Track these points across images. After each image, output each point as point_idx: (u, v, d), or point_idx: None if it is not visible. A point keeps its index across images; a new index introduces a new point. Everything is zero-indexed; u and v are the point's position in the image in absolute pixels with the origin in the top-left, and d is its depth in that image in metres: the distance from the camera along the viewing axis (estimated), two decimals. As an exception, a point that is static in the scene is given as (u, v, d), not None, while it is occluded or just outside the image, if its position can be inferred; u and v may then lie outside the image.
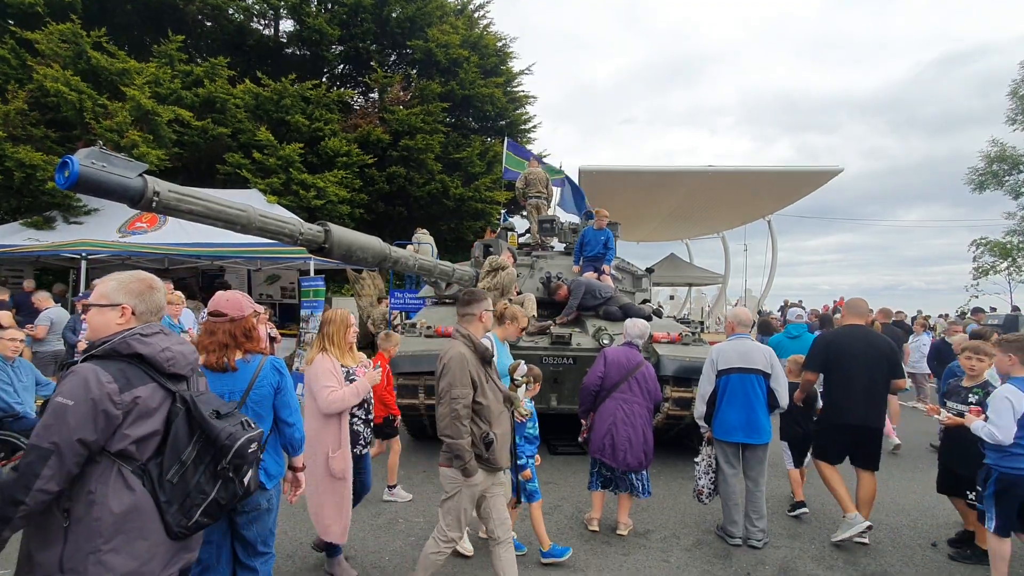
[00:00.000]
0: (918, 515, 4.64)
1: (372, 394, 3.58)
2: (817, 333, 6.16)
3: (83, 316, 6.83)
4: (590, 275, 7.08)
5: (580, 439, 4.37)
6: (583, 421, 4.33)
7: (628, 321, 4.48)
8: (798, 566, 3.67)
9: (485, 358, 2.93)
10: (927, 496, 4.96)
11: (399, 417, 4.83)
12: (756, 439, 3.92)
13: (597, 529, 4.13)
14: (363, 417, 3.48)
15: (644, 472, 4.08)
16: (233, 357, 2.41)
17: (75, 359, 1.71)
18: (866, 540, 3.98)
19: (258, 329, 2.61)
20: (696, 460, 4.25)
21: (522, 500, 3.65)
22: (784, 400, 4.03)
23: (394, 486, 4.76)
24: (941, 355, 7.77)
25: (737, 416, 3.91)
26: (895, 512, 4.68)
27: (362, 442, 3.47)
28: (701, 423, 4.20)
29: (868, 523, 3.94)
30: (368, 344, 12.82)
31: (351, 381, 3.27)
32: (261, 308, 2.84)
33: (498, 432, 2.87)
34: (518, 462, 3.52)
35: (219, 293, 2.61)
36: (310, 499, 3.16)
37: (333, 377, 3.12)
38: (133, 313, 1.79)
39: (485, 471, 2.86)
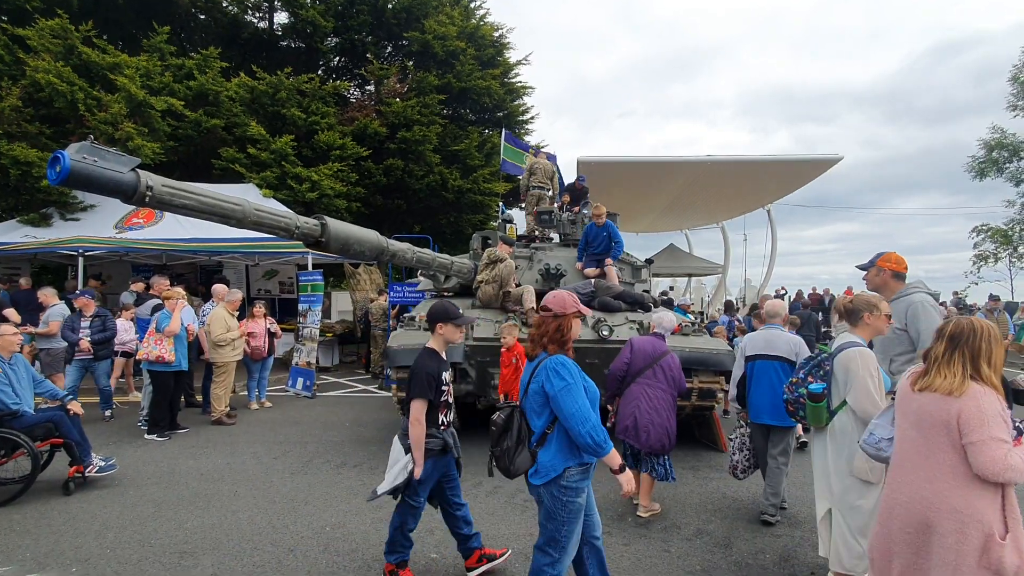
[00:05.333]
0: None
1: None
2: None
3: (85, 314, 6.82)
4: (592, 271, 7.07)
5: (608, 424, 4.39)
6: (609, 407, 4.48)
7: (658, 314, 4.76)
8: (798, 555, 3.68)
9: None
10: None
11: None
12: (781, 422, 4.08)
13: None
14: None
15: (666, 457, 4.26)
16: (538, 350, 2.59)
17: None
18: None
19: (571, 328, 2.65)
20: (730, 437, 4.59)
21: None
22: None
23: None
24: None
25: (763, 399, 4.16)
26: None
27: None
28: (734, 404, 4.56)
29: None
30: (357, 339, 12.84)
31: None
32: (588, 311, 2.74)
33: None
34: None
35: (551, 292, 2.74)
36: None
37: (1006, 427, 1.95)
38: None
39: None
